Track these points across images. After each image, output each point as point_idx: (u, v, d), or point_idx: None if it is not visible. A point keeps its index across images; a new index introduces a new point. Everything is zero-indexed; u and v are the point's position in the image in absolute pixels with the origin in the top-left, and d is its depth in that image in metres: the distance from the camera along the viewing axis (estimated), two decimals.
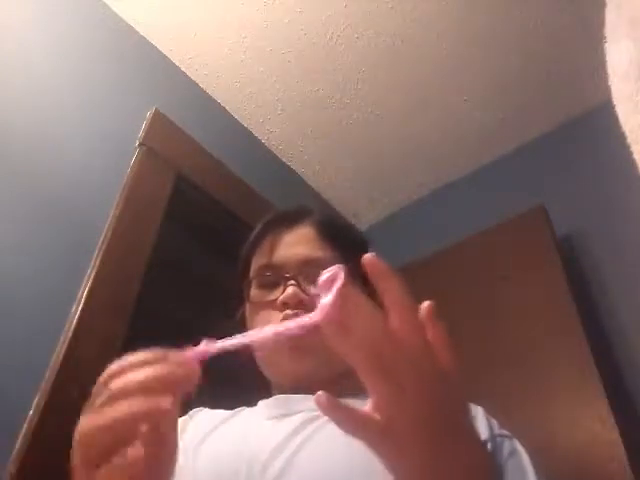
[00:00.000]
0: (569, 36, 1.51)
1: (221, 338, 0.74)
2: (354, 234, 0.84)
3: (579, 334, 1.26)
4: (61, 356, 1.01)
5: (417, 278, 1.60)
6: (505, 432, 0.63)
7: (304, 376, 0.69)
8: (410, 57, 1.58)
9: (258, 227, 0.82)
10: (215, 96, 1.67)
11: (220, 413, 0.74)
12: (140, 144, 1.35)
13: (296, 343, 0.67)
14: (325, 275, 0.39)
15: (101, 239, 1.18)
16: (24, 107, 1.16)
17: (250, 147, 1.75)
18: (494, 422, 0.64)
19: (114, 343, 1.11)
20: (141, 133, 1.36)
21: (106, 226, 1.20)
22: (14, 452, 0.89)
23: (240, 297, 0.81)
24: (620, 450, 1.11)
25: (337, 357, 0.67)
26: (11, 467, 0.88)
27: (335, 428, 0.59)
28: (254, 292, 0.76)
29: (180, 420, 0.72)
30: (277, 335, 0.42)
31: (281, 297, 0.71)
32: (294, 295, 0.70)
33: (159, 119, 1.42)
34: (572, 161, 1.62)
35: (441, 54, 1.57)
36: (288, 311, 0.69)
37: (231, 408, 0.76)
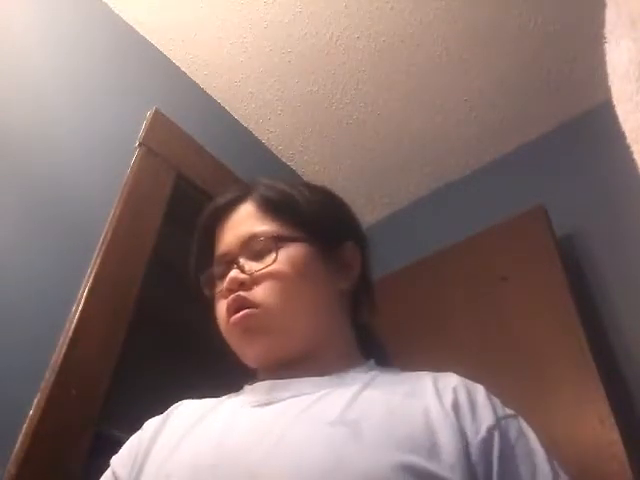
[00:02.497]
0: (569, 36, 1.51)
1: (221, 337, 0.74)
2: (306, 197, 0.77)
3: (579, 334, 1.26)
4: (61, 356, 1.01)
5: (417, 278, 1.61)
6: (509, 411, 0.62)
7: (264, 357, 0.70)
8: (410, 57, 1.58)
9: (205, 215, 0.82)
10: (215, 96, 1.67)
11: (206, 402, 0.73)
12: (140, 144, 1.35)
13: (244, 326, 0.68)
14: None
15: (101, 239, 1.18)
16: (24, 107, 1.15)
17: (250, 147, 1.75)
18: (497, 402, 0.63)
19: (114, 343, 1.11)
20: (141, 133, 1.36)
21: (106, 226, 1.20)
22: (14, 452, 0.89)
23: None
24: (620, 450, 1.11)
25: (295, 334, 0.68)
26: (11, 467, 0.87)
27: (318, 414, 0.59)
28: (217, 282, 0.76)
29: (154, 420, 0.71)
30: None
31: (224, 285, 0.70)
32: (232, 280, 0.69)
33: (159, 119, 1.42)
34: (572, 161, 1.62)
35: (441, 54, 1.57)
36: (232, 296, 0.69)
37: (221, 390, 0.75)
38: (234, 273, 0.70)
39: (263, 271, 0.69)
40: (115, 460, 0.69)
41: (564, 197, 1.55)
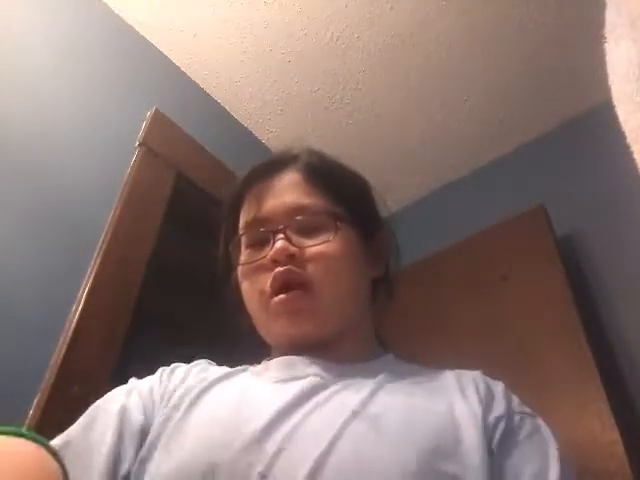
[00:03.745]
0: (569, 36, 1.51)
1: (221, 337, 0.72)
2: (348, 175, 0.75)
3: (579, 334, 1.26)
4: (61, 356, 1.01)
5: (417, 278, 1.61)
6: (527, 410, 0.60)
7: (301, 339, 0.64)
8: (410, 57, 1.58)
9: (241, 179, 0.75)
10: (215, 96, 1.67)
11: (221, 369, 0.68)
12: (140, 144, 1.35)
13: (293, 308, 0.63)
14: None
15: (101, 239, 1.18)
16: (24, 107, 1.15)
17: (250, 147, 1.75)
18: (515, 399, 0.61)
19: (114, 343, 1.11)
20: (141, 133, 1.36)
21: (106, 226, 1.20)
22: None
23: (229, 262, 0.74)
24: (620, 450, 1.11)
25: (332, 318, 0.65)
26: None
27: (339, 403, 0.56)
28: (244, 253, 0.69)
29: (183, 366, 0.68)
30: None
31: (270, 254, 0.63)
32: (281, 250, 0.63)
33: (159, 119, 1.42)
34: (572, 161, 1.62)
35: (441, 54, 1.57)
36: (279, 268, 0.63)
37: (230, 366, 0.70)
38: (283, 244, 0.63)
39: (318, 248, 0.64)
40: (145, 395, 0.62)
41: (564, 197, 1.55)
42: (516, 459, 0.53)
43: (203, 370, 0.67)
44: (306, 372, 0.60)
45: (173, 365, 0.69)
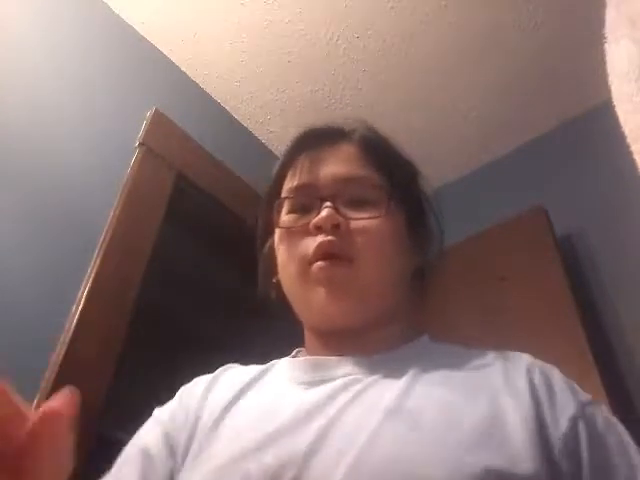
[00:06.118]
0: (569, 36, 1.51)
1: (221, 337, 0.71)
2: (402, 158, 0.73)
3: (579, 334, 1.26)
4: (61, 356, 1.01)
5: None
6: (588, 396, 0.55)
7: (339, 320, 0.60)
8: (410, 57, 1.58)
9: (292, 145, 0.71)
10: (215, 96, 1.67)
11: (248, 372, 0.65)
12: (140, 144, 1.35)
13: (334, 277, 0.59)
14: None
15: (101, 239, 1.18)
16: (24, 107, 1.15)
17: (250, 147, 1.75)
18: (574, 386, 0.55)
19: (114, 343, 1.11)
20: (141, 133, 1.36)
21: (106, 226, 1.20)
22: None
23: (266, 229, 0.71)
24: None
25: (372, 300, 0.61)
26: None
27: (373, 400, 0.52)
28: (285, 217, 0.66)
29: (205, 378, 0.65)
30: None
31: (314, 220, 0.60)
32: (328, 218, 0.59)
33: (159, 119, 1.42)
34: (572, 161, 1.62)
35: (441, 54, 1.57)
36: (322, 236, 0.59)
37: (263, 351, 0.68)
38: (330, 211, 0.60)
39: (366, 222, 0.61)
40: (167, 422, 0.60)
41: (564, 197, 1.55)
42: (603, 457, 0.48)
43: (228, 378, 0.65)
44: (336, 373, 0.58)
45: (193, 382, 0.67)
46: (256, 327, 1.70)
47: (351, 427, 0.49)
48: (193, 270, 1.93)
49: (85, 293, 1.09)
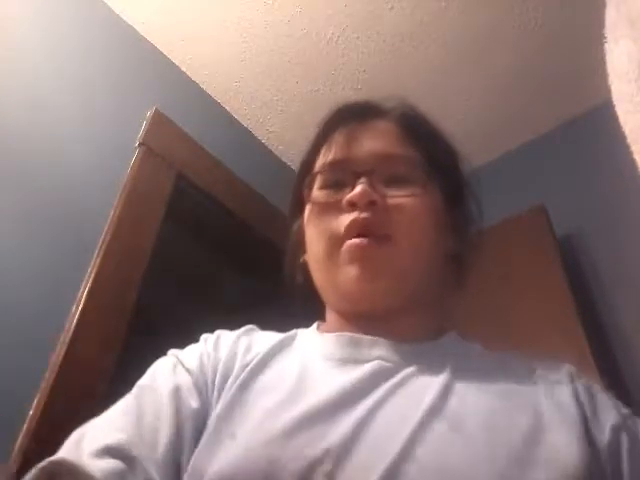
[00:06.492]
0: (569, 36, 1.51)
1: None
2: (443, 138, 0.70)
3: (579, 334, 1.26)
4: (61, 356, 1.01)
5: None
6: (627, 409, 0.53)
7: (370, 299, 0.56)
8: (410, 57, 1.58)
9: (327, 120, 0.68)
10: (215, 96, 1.67)
11: (272, 337, 0.61)
12: (140, 144, 1.35)
13: (368, 255, 0.55)
14: None
15: (101, 239, 1.18)
16: (24, 107, 1.15)
17: (250, 147, 1.75)
18: (613, 397, 0.55)
19: (114, 343, 1.11)
20: (141, 133, 1.36)
21: (106, 226, 1.20)
22: (14, 452, 0.89)
23: (297, 207, 0.67)
24: None
25: (406, 281, 0.57)
26: (12, 467, 0.88)
27: (411, 397, 0.48)
28: (317, 193, 0.62)
29: (229, 338, 0.60)
30: None
31: (348, 196, 0.57)
32: (364, 194, 0.56)
33: (159, 119, 1.42)
34: (572, 161, 1.62)
35: (441, 54, 1.57)
36: (355, 213, 0.56)
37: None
38: (366, 187, 0.56)
39: (404, 200, 0.58)
40: (195, 371, 0.54)
41: (564, 197, 1.55)
42: None
43: (251, 342, 0.60)
44: (370, 354, 0.54)
45: (217, 333, 0.62)
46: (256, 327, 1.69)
47: (390, 425, 0.46)
48: (193, 270, 1.93)
49: (85, 293, 1.09)
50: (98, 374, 1.05)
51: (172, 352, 0.59)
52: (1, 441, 0.90)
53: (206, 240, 1.65)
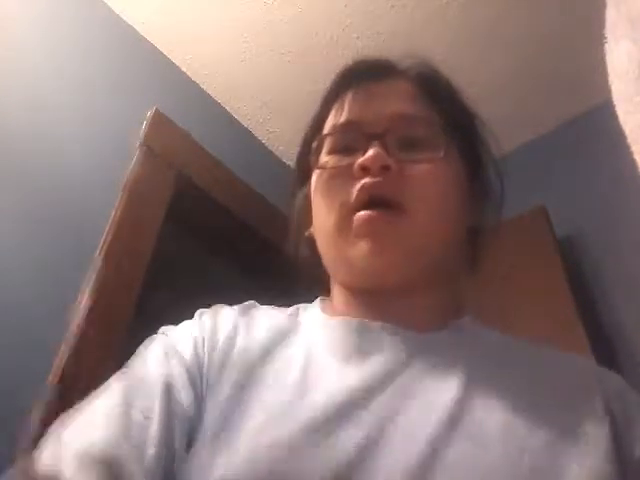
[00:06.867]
0: (569, 36, 1.51)
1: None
2: (463, 101, 0.64)
3: (579, 334, 1.26)
4: (63, 358, 1.01)
5: None
6: None
7: (381, 273, 0.52)
8: None
9: (337, 78, 0.64)
10: (215, 96, 1.66)
11: (276, 316, 0.56)
12: (140, 144, 1.35)
13: (380, 229, 0.51)
14: None
15: (101, 239, 1.18)
16: (24, 107, 1.15)
17: (250, 147, 1.75)
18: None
19: (115, 344, 1.11)
20: (141, 133, 1.36)
21: (107, 226, 1.20)
22: (16, 454, 0.89)
23: (302, 175, 0.62)
24: None
25: (422, 254, 0.52)
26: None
27: (427, 400, 0.44)
28: (325, 158, 0.57)
29: (228, 317, 0.55)
30: None
31: (360, 160, 0.51)
32: (376, 158, 0.51)
33: (159, 119, 1.42)
34: (572, 161, 1.62)
35: (441, 54, 1.57)
36: (367, 179, 0.51)
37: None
38: (379, 151, 0.51)
39: (421, 166, 0.53)
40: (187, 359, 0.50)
41: (564, 197, 1.55)
42: None
43: (251, 323, 0.55)
44: (382, 345, 0.49)
45: (214, 310, 0.56)
46: None
47: (408, 428, 0.42)
48: (193, 270, 1.92)
49: (86, 294, 1.09)
50: (99, 375, 1.05)
51: (164, 331, 0.55)
52: (3, 445, 0.90)
53: (206, 240, 1.65)
